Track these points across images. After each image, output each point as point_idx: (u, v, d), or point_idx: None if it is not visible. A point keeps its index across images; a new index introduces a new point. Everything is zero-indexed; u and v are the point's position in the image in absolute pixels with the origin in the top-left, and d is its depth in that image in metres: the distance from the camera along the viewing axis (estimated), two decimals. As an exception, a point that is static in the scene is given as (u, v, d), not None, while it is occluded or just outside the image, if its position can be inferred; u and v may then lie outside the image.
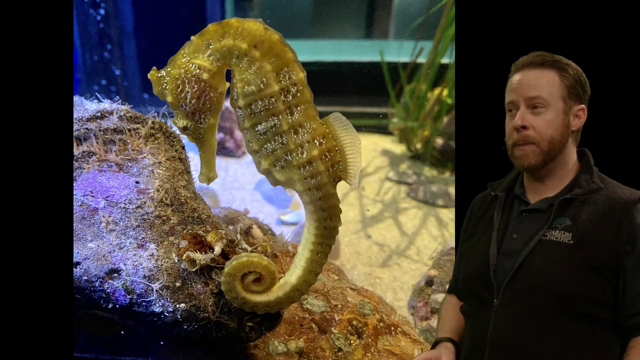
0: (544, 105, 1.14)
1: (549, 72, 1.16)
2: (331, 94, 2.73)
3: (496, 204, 1.25)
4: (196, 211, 1.44)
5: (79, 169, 1.43)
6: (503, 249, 1.18)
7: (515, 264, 1.12)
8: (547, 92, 1.14)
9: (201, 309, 1.31)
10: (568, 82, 1.16)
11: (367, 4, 4.57)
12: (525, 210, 1.19)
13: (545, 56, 1.18)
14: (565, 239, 1.10)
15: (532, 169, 1.16)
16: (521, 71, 1.18)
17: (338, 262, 2.63)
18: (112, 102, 1.53)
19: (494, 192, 1.27)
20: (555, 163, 1.17)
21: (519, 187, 1.24)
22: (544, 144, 1.14)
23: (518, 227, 1.18)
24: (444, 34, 3.46)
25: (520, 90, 1.16)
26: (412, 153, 3.95)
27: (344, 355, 1.60)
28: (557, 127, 1.15)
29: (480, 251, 1.21)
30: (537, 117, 1.14)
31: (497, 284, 1.14)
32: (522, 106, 1.15)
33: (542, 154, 1.15)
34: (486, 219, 1.26)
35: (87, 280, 1.31)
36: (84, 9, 3.77)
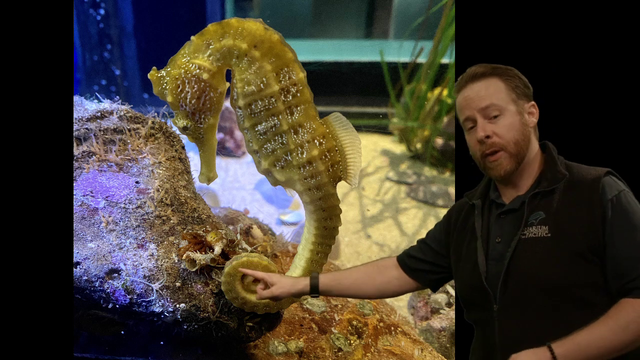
0: (498, 112, 1.17)
1: (492, 80, 1.19)
2: (331, 94, 2.73)
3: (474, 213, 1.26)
4: (196, 211, 1.44)
5: (79, 169, 1.43)
6: (490, 255, 1.19)
7: (503, 268, 1.14)
8: (497, 99, 1.17)
9: (201, 309, 1.31)
10: (512, 84, 1.19)
11: (367, 4, 4.57)
12: (502, 212, 1.20)
13: (485, 66, 1.21)
14: (542, 232, 1.12)
15: (508, 174, 1.18)
16: (466, 87, 1.20)
17: (338, 262, 2.63)
18: (112, 102, 1.53)
19: (471, 201, 1.29)
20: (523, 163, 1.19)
21: (493, 192, 1.26)
22: (511, 148, 1.16)
23: (499, 230, 1.20)
24: (444, 34, 3.46)
25: (472, 104, 1.18)
26: (412, 153, 3.95)
27: (344, 355, 1.60)
28: (517, 128, 1.17)
29: (470, 261, 1.22)
30: (497, 125, 1.17)
31: (492, 290, 1.15)
32: (479, 118, 1.17)
33: (512, 157, 1.17)
34: (468, 229, 1.27)
35: (87, 280, 1.31)
36: (84, 9, 3.77)
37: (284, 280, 1.27)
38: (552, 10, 1.50)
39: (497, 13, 1.54)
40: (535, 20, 1.52)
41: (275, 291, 1.26)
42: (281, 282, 1.26)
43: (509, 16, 1.53)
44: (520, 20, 1.53)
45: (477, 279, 1.18)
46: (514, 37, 1.52)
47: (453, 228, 1.32)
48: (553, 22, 1.51)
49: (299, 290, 1.27)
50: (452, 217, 1.35)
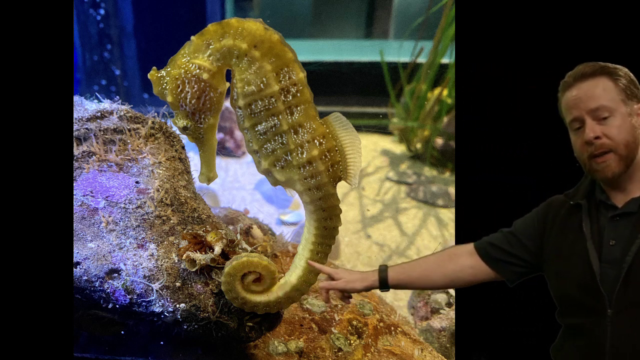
0: (608, 113, 1.14)
1: (602, 80, 1.15)
2: (331, 94, 2.73)
3: (579, 212, 1.23)
4: (196, 211, 1.44)
5: (79, 169, 1.43)
6: (604, 257, 1.16)
7: (622, 272, 1.11)
8: (607, 100, 1.14)
9: (201, 309, 1.31)
10: (622, 84, 1.15)
11: (367, 4, 4.56)
12: (616, 215, 1.17)
13: (594, 65, 1.17)
14: None
15: (616, 177, 1.15)
16: (574, 86, 1.17)
17: (338, 262, 2.63)
18: (112, 102, 1.53)
19: (574, 200, 1.25)
20: (633, 165, 1.16)
21: (600, 193, 1.22)
22: (621, 150, 1.14)
23: (613, 233, 1.16)
24: (444, 34, 3.46)
25: (581, 104, 1.15)
26: (412, 153, 3.95)
27: (344, 355, 1.60)
28: (628, 130, 1.14)
29: (578, 262, 1.19)
30: (606, 126, 1.14)
31: (607, 294, 1.12)
32: (588, 119, 1.14)
33: (622, 160, 1.14)
34: (571, 229, 1.23)
35: (87, 280, 1.31)
36: (84, 9, 3.77)
37: (353, 276, 1.26)
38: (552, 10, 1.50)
39: (497, 13, 1.54)
40: (535, 20, 1.52)
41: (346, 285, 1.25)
42: (350, 277, 1.25)
43: (509, 16, 1.53)
44: (521, 20, 1.52)
45: (590, 281, 1.15)
46: (514, 37, 1.52)
47: (550, 226, 1.28)
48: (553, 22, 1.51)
49: (368, 286, 1.26)
50: (549, 214, 1.30)
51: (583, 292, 1.17)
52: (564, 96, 1.20)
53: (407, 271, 1.30)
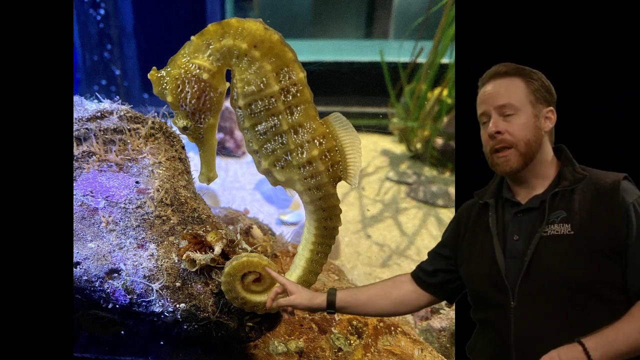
0: (514, 111, 1.19)
1: (515, 80, 1.21)
2: (331, 94, 2.73)
3: (487, 211, 1.28)
4: (196, 211, 1.44)
5: (79, 169, 1.43)
6: (508, 252, 1.20)
7: (524, 265, 1.15)
8: (515, 99, 1.19)
9: (201, 309, 1.31)
10: (534, 87, 1.21)
11: (367, 4, 4.57)
12: (519, 211, 1.22)
13: (509, 65, 1.23)
14: (565, 230, 1.14)
15: (514, 172, 1.20)
16: (488, 83, 1.23)
17: (338, 262, 2.63)
18: (112, 102, 1.53)
19: (482, 200, 1.30)
20: (535, 163, 1.21)
21: (506, 191, 1.27)
22: (521, 146, 1.18)
23: (516, 228, 1.21)
24: (444, 34, 3.46)
25: (490, 100, 1.21)
26: (412, 153, 3.95)
27: (344, 355, 1.60)
28: (530, 129, 1.19)
29: (485, 258, 1.23)
30: (510, 123, 1.19)
31: (511, 287, 1.16)
32: (494, 114, 1.20)
33: (521, 156, 1.19)
34: (480, 227, 1.28)
35: (87, 280, 1.31)
36: (84, 9, 3.77)
37: (304, 293, 1.29)
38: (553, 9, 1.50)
39: (497, 13, 1.54)
40: (535, 20, 1.52)
41: (293, 300, 1.27)
42: (300, 294, 1.28)
43: (509, 16, 1.53)
44: (521, 20, 1.52)
45: (496, 276, 1.19)
46: (514, 37, 1.52)
47: (464, 228, 1.33)
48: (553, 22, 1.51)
49: (317, 305, 1.29)
50: (461, 218, 1.35)
51: (490, 287, 1.21)
52: (479, 92, 1.26)
53: (354, 295, 1.33)
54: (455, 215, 1.40)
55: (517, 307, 1.15)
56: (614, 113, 1.50)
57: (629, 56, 1.47)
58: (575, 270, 1.11)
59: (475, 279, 1.27)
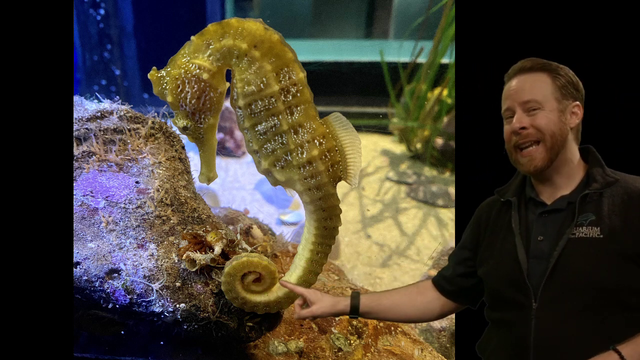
0: (538, 107, 1.16)
1: (540, 75, 1.18)
2: (331, 94, 2.73)
3: (509, 209, 1.25)
4: (196, 211, 1.44)
5: (79, 169, 1.43)
6: (531, 253, 1.18)
7: (549, 266, 1.13)
8: (539, 94, 1.17)
9: (201, 309, 1.31)
10: (560, 82, 1.18)
11: (367, 4, 4.57)
12: (545, 212, 1.19)
13: (535, 61, 1.20)
14: (594, 233, 1.11)
15: (539, 170, 1.18)
16: (514, 78, 1.21)
17: (338, 262, 2.63)
18: (112, 102, 1.53)
19: (504, 198, 1.27)
20: (560, 161, 1.19)
21: (530, 190, 1.24)
22: (547, 140, 1.16)
23: (541, 229, 1.18)
24: (444, 34, 3.46)
25: (515, 95, 1.19)
26: (412, 153, 3.95)
27: (344, 355, 1.60)
28: (555, 123, 1.17)
29: (507, 258, 1.21)
30: (534, 118, 1.16)
31: (533, 288, 1.14)
32: (518, 110, 1.18)
33: (547, 152, 1.16)
34: (502, 226, 1.26)
35: (87, 280, 1.31)
36: (84, 9, 3.77)
37: (325, 300, 1.26)
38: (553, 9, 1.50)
39: (497, 13, 1.54)
40: (535, 20, 1.52)
41: (315, 311, 1.24)
42: (322, 302, 1.25)
43: (509, 16, 1.53)
44: (521, 20, 1.52)
45: (517, 276, 1.17)
46: (514, 37, 1.52)
47: (484, 226, 1.30)
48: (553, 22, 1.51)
49: (340, 311, 1.27)
50: (481, 216, 1.33)
51: (511, 287, 1.19)
52: (505, 87, 1.23)
53: (378, 300, 1.31)
54: (475, 215, 1.36)
55: (538, 308, 1.13)
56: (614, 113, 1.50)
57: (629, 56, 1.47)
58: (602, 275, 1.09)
59: (495, 279, 1.24)
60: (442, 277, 1.36)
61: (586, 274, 1.10)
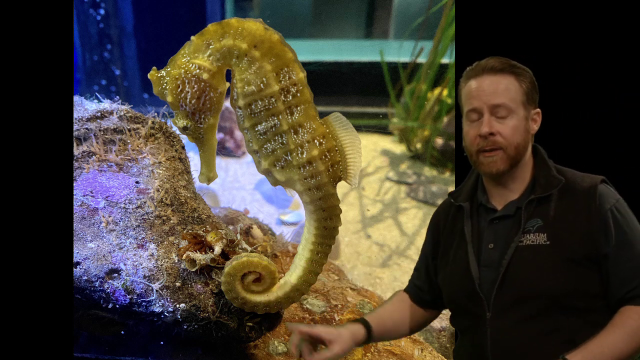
0: (508, 113, 1.14)
1: (509, 78, 1.15)
2: (331, 94, 2.73)
3: (462, 215, 1.24)
4: (196, 211, 1.44)
5: (79, 169, 1.43)
6: (482, 261, 1.17)
7: (499, 275, 1.12)
8: (510, 99, 1.14)
9: (201, 309, 1.31)
10: (525, 87, 1.16)
11: (367, 4, 4.57)
12: (495, 218, 1.18)
13: (504, 61, 1.17)
14: (541, 240, 1.11)
15: (499, 174, 1.16)
16: (480, 77, 1.16)
17: (338, 262, 2.63)
18: (112, 102, 1.53)
19: (457, 202, 1.26)
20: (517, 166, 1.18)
21: (481, 194, 1.23)
22: (510, 150, 1.14)
23: (492, 236, 1.18)
24: (444, 34, 3.45)
25: (484, 97, 1.15)
26: (412, 153, 3.95)
27: (344, 355, 1.60)
28: (521, 132, 1.15)
29: (459, 266, 1.20)
30: (502, 124, 1.14)
31: (486, 297, 1.14)
32: (486, 113, 1.14)
33: (509, 159, 1.15)
34: (456, 232, 1.25)
35: (87, 280, 1.31)
36: (84, 9, 3.77)
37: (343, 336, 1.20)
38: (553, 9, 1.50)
39: (497, 13, 1.54)
40: (535, 20, 1.52)
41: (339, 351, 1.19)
42: (341, 339, 1.19)
43: (509, 16, 1.53)
44: (521, 20, 1.53)
45: (469, 285, 1.16)
46: (514, 37, 1.52)
47: (441, 232, 1.30)
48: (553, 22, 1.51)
49: (359, 342, 1.24)
50: (439, 222, 1.32)
51: (465, 296, 1.18)
52: (467, 84, 1.18)
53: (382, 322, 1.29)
54: (433, 221, 1.35)
55: (492, 318, 1.12)
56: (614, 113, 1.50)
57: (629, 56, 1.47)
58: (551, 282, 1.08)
59: (450, 287, 1.24)
60: (417, 289, 1.36)
61: (535, 282, 1.09)
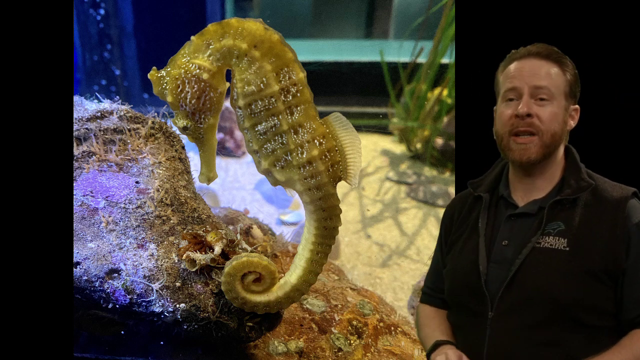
0: (549, 97, 1.08)
1: (554, 65, 1.10)
2: (331, 94, 2.73)
3: (479, 206, 1.18)
4: (196, 211, 1.44)
5: (79, 169, 1.43)
6: (493, 257, 1.11)
7: (509, 274, 1.06)
8: (553, 85, 1.08)
9: (201, 309, 1.31)
10: (569, 78, 1.11)
11: (367, 4, 4.57)
12: (514, 215, 1.12)
13: (551, 49, 1.12)
14: (560, 245, 1.04)
15: (530, 163, 1.10)
16: (524, 59, 1.11)
17: (338, 262, 2.63)
18: (112, 102, 1.53)
19: (477, 192, 1.20)
20: (549, 161, 1.12)
21: (504, 187, 1.17)
22: (546, 137, 1.08)
23: (507, 233, 1.12)
24: (444, 34, 3.46)
25: (527, 77, 1.09)
26: (412, 153, 3.95)
27: (344, 355, 1.60)
28: (560, 122, 1.09)
29: (467, 259, 1.14)
30: (542, 108, 1.07)
31: (490, 295, 1.08)
32: (527, 94, 1.08)
33: (543, 148, 1.08)
34: (469, 223, 1.19)
35: (87, 280, 1.31)
36: (84, 9, 3.77)
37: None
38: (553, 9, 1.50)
39: (497, 13, 1.54)
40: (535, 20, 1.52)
41: None
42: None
43: (509, 16, 1.53)
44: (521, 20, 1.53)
45: (475, 281, 1.11)
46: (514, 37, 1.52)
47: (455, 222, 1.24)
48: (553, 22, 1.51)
49: None
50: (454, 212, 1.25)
51: (468, 291, 1.12)
52: (508, 67, 1.13)
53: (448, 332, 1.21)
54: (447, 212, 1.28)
55: (494, 318, 1.07)
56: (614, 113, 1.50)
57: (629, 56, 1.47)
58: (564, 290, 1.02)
59: (453, 280, 1.18)
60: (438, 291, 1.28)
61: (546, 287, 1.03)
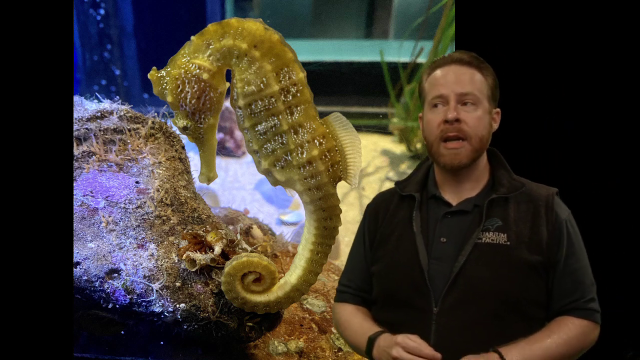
0: (474, 102, 1.13)
1: (477, 73, 1.15)
2: (331, 94, 2.73)
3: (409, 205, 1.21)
4: (196, 211, 1.44)
5: (79, 169, 1.43)
6: (433, 254, 1.14)
7: (454, 269, 1.10)
8: (477, 90, 1.13)
9: (201, 309, 1.31)
10: (492, 84, 1.16)
11: (367, 4, 4.57)
12: (449, 212, 1.16)
13: (471, 55, 1.17)
14: (501, 239, 1.09)
15: (460, 167, 1.14)
16: (448, 66, 1.16)
17: (338, 262, 2.63)
18: (112, 102, 1.53)
19: (405, 192, 1.23)
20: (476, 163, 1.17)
21: (433, 187, 1.21)
22: (475, 141, 1.13)
23: (445, 230, 1.15)
24: (444, 34, 3.45)
25: (452, 84, 1.13)
26: (412, 153, 3.95)
27: (344, 355, 1.60)
28: (486, 125, 1.14)
29: (404, 257, 1.17)
30: (469, 114, 1.12)
31: (434, 290, 1.11)
32: (453, 100, 1.13)
33: (473, 152, 1.13)
34: (399, 222, 1.21)
35: (87, 280, 1.31)
36: (84, 9, 3.77)
37: None
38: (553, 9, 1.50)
39: (497, 13, 1.54)
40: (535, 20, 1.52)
41: None
42: None
43: (509, 16, 1.53)
44: (521, 20, 1.53)
45: (417, 277, 1.13)
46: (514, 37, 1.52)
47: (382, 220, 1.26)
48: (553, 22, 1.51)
49: None
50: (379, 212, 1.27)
51: (409, 288, 1.15)
52: (432, 74, 1.17)
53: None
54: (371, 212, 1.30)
55: (439, 313, 1.09)
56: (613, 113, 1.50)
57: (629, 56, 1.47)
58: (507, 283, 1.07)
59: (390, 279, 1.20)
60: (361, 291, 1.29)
61: (490, 281, 1.08)
